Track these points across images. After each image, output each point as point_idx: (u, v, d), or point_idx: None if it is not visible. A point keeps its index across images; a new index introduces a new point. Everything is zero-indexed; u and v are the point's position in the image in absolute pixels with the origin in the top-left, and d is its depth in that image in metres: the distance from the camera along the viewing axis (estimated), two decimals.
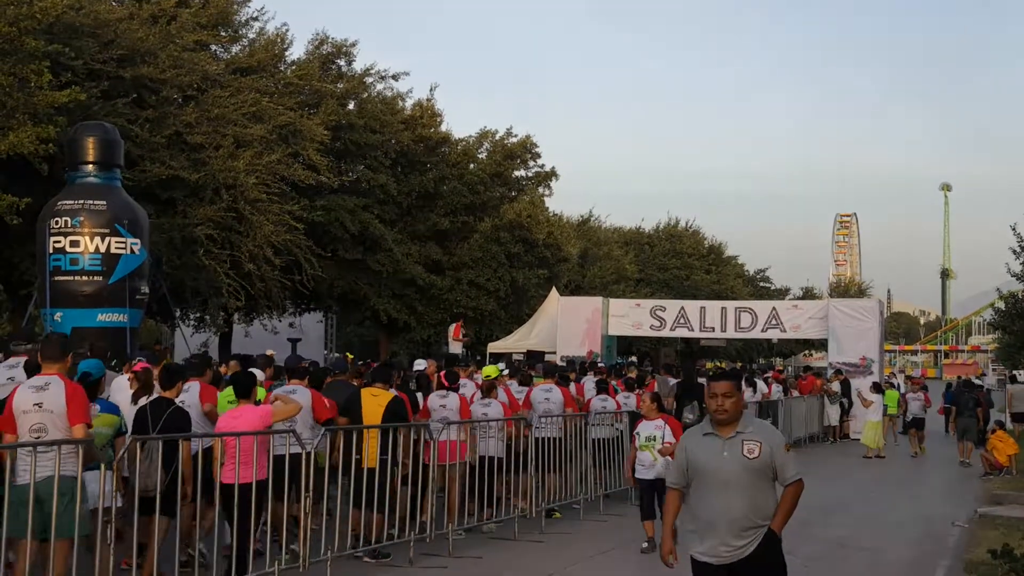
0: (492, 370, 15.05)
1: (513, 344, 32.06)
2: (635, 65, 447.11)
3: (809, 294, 79.50)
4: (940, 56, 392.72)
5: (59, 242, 18.62)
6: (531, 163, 38.68)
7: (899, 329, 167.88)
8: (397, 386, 12.31)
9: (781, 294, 73.81)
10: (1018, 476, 19.66)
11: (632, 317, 30.60)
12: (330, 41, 32.55)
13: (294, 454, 9.84)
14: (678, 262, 59.92)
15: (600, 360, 25.80)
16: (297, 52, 32.53)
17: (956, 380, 34.01)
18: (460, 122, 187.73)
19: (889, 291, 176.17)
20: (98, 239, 18.60)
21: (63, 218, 18.67)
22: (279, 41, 30.12)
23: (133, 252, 18.95)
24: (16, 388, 8.15)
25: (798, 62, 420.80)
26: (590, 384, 17.13)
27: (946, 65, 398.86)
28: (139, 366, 11.05)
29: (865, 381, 26.59)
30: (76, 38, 22.32)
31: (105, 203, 18.82)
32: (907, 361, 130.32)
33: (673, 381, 20.73)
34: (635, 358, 43.52)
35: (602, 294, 37.24)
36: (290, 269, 27.48)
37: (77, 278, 18.65)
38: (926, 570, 11.39)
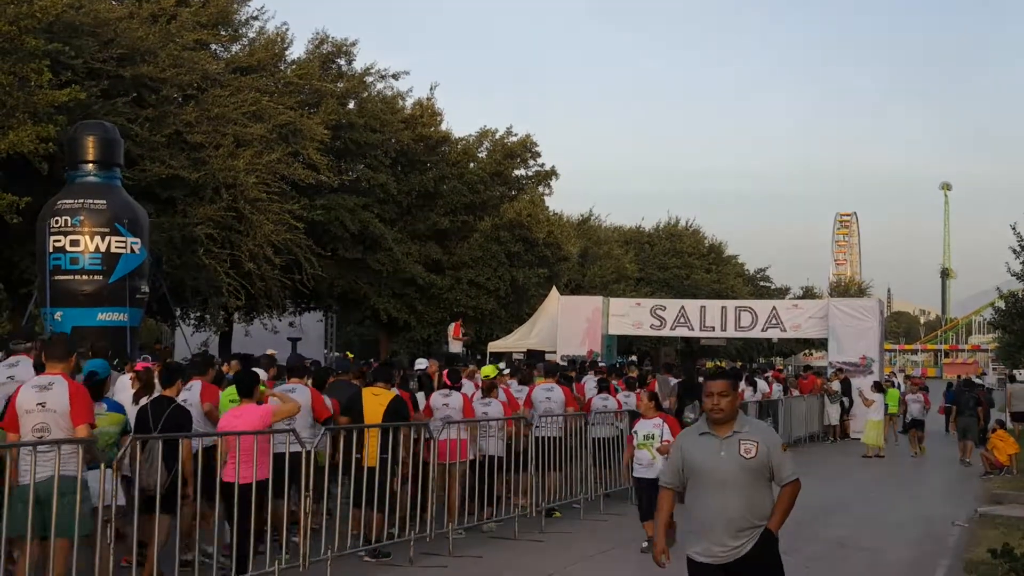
0: (490, 370, 15.06)
1: (513, 343, 32.08)
2: (635, 65, 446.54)
3: (809, 293, 79.60)
4: (940, 56, 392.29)
5: (59, 241, 18.62)
6: (531, 162, 38.71)
7: (899, 328, 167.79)
8: (397, 385, 12.31)
9: (781, 293, 73.82)
10: (1018, 476, 19.65)
11: (632, 316, 30.60)
12: (330, 40, 32.59)
13: (294, 453, 9.83)
14: (678, 261, 59.94)
15: (600, 359, 25.81)
16: (297, 51, 32.58)
17: (956, 379, 34.02)
18: (460, 121, 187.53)
19: (889, 290, 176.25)
20: (98, 238, 18.61)
21: (63, 217, 18.67)
22: (279, 40, 30.13)
23: (133, 251, 18.96)
24: (19, 387, 8.14)
25: (798, 62, 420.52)
26: (591, 383, 17.13)
27: (946, 65, 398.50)
28: (140, 365, 11.05)
29: (865, 380, 26.57)
30: (76, 37, 22.32)
31: (105, 202, 18.83)
32: (907, 360, 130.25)
33: (674, 381, 20.73)
34: (635, 357, 43.47)
35: (602, 293, 37.27)
36: (290, 268, 27.48)
37: (77, 277, 18.66)
38: (926, 570, 11.38)
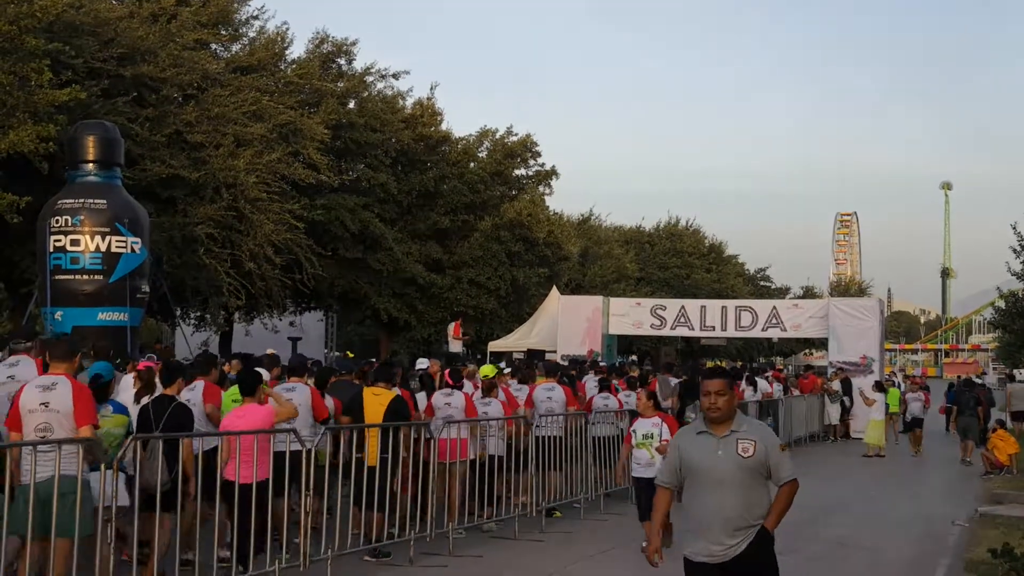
0: (489, 369, 15.04)
1: (514, 343, 32.10)
2: (635, 64, 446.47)
3: (809, 293, 79.63)
4: (940, 56, 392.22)
5: (59, 241, 18.61)
6: (531, 162, 38.66)
7: (899, 328, 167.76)
8: (397, 385, 12.30)
9: (781, 293, 73.83)
10: (1018, 475, 19.65)
11: (632, 316, 30.60)
12: (330, 40, 32.56)
13: (294, 451, 9.84)
14: (678, 261, 59.95)
15: (601, 359, 25.81)
16: (297, 51, 32.53)
17: (957, 379, 34.00)
18: (460, 121, 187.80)
19: (889, 290, 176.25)
20: (98, 238, 18.60)
21: (63, 217, 18.66)
22: (279, 40, 30.12)
23: (133, 251, 18.96)
24: (23, 387, 8.14)
25: (798, 62, 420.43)
26: (591, 383, 17.12)
27: (946, 65, 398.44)
28: (142, 365, 11.05)
29: (866, 380, 26.57)
30: (76, 37, 22.31)
31: (105, 202, 18.82)
32: (907, 360, 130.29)
33: (675, 381, 20.74)
34: (635, 357, 43.49)
35: (602, 293, 37.28)
36: (290, 268, 27.48)
37: (78, 277, 18.66)
38: (926, 569, 11.38)
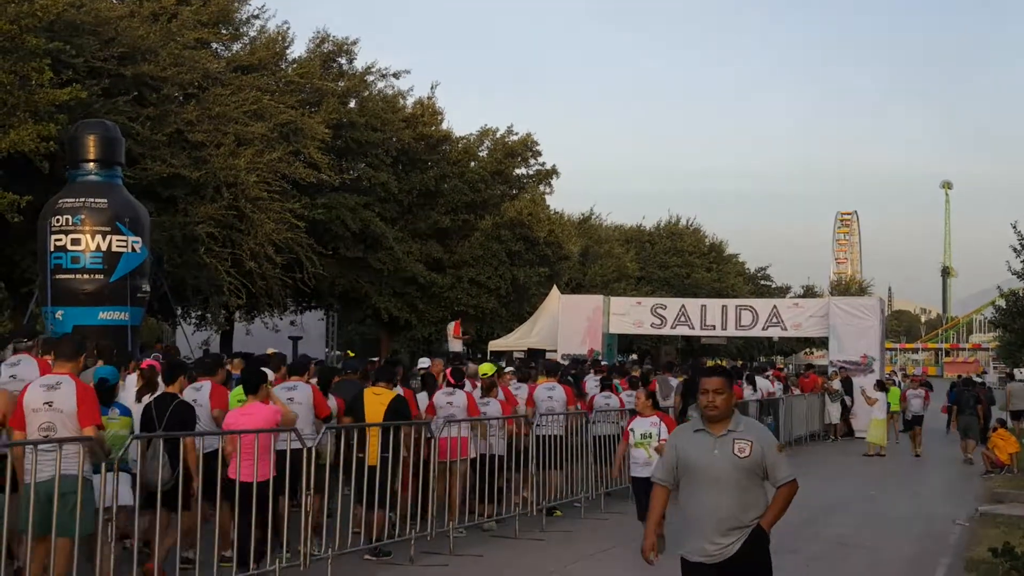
0: (488, 367, 15.04)
1: (514, 342, 32.10)
2: (635, 64, 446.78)
3: (810, 292, 79.65)
4: (940, 56, 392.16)
5: (60, 240, 18.59)
6: (532, 161, 38.62)
7: (900, 327, 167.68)
8: (398, 384, 12.30)
9: (782, 292, 73.78)
10: (1019, 474, 19.66)
11: (633, 315, 30.60)
12: (331, 39, 32.55)
13: (295, 450, 9.84)
14: (679, 260, 59.95)
15: (601, 358, 25.81)
16: (298, 50, 32.55)
17: (958, 379, 33.97)
18: (461, 120, 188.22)
19: (890, 289, 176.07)
20: (99, 237, 18.58)
21: (64, 216, 18.64)
22: (280, 39, 30.10)
23: (134, 250, 18.94)
24: (27, 386, 8.14)
25: (798, 62, 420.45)
26: (592, 382, 17.12)
27: (946, 64, 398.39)
28: (145, 364, 11.06)
29: (867, 379, 26.57)
30: (77, 36, 22.30)
31: (106, 201, 18.80)
32: (908, 359, 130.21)
33: (675, 381, 20.74)
34: (635, 356, 43.50)
35: (603, 292, 37.31)
36: (291, 267, 27.48)
37: (78, 276, 18.64)
38: (927, 568, 11.39)
